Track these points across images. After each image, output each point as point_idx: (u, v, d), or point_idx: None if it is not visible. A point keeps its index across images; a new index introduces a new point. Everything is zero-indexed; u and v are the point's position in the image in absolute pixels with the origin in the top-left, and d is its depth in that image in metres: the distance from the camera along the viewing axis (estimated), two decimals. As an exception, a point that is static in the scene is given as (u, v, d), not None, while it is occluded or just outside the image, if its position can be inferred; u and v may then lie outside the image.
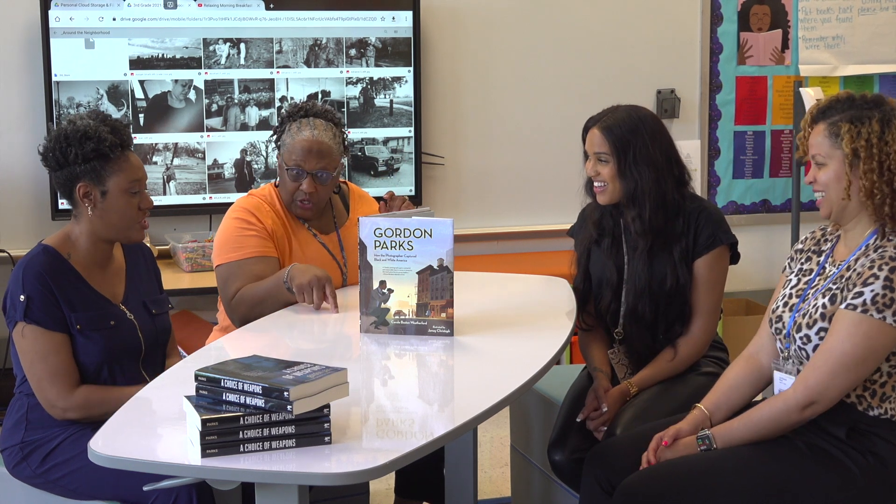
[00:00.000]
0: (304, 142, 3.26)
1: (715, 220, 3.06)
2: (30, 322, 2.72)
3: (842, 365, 2.40)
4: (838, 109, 2.53)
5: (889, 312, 2.37)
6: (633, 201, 3.03)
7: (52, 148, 2.79)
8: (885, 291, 2.38)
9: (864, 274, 2.41)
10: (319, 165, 3.27)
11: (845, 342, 2.39)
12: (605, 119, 3.06)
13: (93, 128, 2.76)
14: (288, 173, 3.29)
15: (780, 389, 2.59)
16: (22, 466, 2.76)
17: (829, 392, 2.42)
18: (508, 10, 5.26)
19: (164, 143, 4.81)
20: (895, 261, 2.40)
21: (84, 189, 2.78)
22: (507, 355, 2.79)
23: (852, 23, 5.61)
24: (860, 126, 2.47)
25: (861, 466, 2.45)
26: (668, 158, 3.06)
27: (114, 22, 4.69)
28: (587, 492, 2.78)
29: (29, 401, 2.78)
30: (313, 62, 4.93)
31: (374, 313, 2.88)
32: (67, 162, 2.77)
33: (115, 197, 2.80)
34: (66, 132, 2.78)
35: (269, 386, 2.11)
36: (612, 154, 3.02)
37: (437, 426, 2.34)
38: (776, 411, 2.47)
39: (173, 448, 2.17)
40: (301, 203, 3.31)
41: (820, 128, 2.54)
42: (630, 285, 3.10)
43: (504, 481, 4.06)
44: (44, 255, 2.78)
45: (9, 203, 4.72)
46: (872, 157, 2.46)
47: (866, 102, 2.52)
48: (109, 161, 2.78)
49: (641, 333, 3.10)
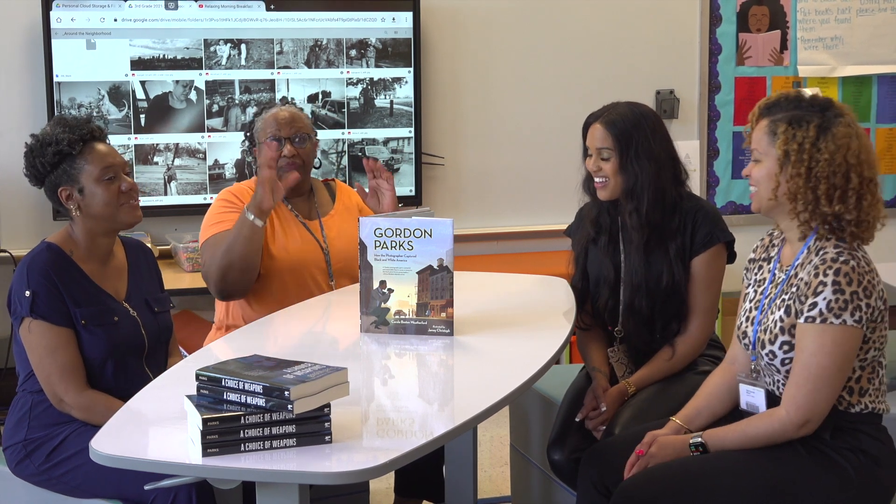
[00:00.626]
0: (277, 114, 3.47)
1: (712, 219, 3.06)
2: (36, 317, 2.73)
3: (822, 378, 2.40)
4: (783, 107, 2.51)
5: (846, 314, 2.38)
6: (632, 195, 3.03)
7: (26, 166, 2.87)
8: (837, 296, 2.38)
9: (812, 283, 2.41)
10: (294, 130, 3.45)
11: (818, 355, 2.40)
12: (606, 114, 3.06)
13: (50, 134, 2.83)
14: (268, 145, 3.41)
15: (747, 402, 2.60)
16: (24, 464, 2.76)
17: (819, 406, 2.43)
18: (508, 10, 5.26)
19: (165, 143, 4.81)
20: (836, 262, 2.40)
21: (65, 192, 2.83)
22: (506, 355, 2.79)
23: (851, 24, 5.61)
24: (797, 129, 2.45)
25: (854, 466, 2.46)
26: (668, 154, 3.06)
27: (115, 23, 4.69)
28: (584, 492, 2.78)
29: (32, 399, 2.79)
30: (314, 63, 4.93)
31: (374, 313, 2.88)
32: (40, 173, 2.83)
33: (92, 190, 2.82)
34: (31, 148, 2.86)
35: (269, 385, 2.11)
36: (615, 149, 3.02)
37: (437, 425, 2.34)
38: (772, 431, 2.47)
39: (174, 447, 2.17)
40: (287, 165, 3.41)
41: (762, 123, 2.53)
42: (627, 281, 3.09)
43: (504, 480, 4.06)
44: (48, 252, 2.80)
45: (10, 203, 4.72)
46: (802, 162, 2.44)
47: (812, 105, 2.49)
48: (74, 158, 2.82)
49: (640, 330, 3.10)
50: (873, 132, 5.75)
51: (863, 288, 2.40)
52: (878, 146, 5.76)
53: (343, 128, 5.01)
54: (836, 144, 2.43)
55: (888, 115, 5.75)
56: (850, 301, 2.38)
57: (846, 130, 2.44)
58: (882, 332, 2.47)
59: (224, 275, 3.24)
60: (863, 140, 2.46)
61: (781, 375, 2.51)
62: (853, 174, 2.43)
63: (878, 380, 2.51)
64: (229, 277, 3.24)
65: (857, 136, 2.45)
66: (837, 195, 2.43)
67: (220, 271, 3.24)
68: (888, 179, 5.81)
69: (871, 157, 2.46)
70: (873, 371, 2.50)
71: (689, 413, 2.70)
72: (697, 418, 2.68)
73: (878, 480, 2.49)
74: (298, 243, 3.42)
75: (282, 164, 3.41)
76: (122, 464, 2.12)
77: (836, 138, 2.43)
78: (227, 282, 3.25)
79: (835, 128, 2.44)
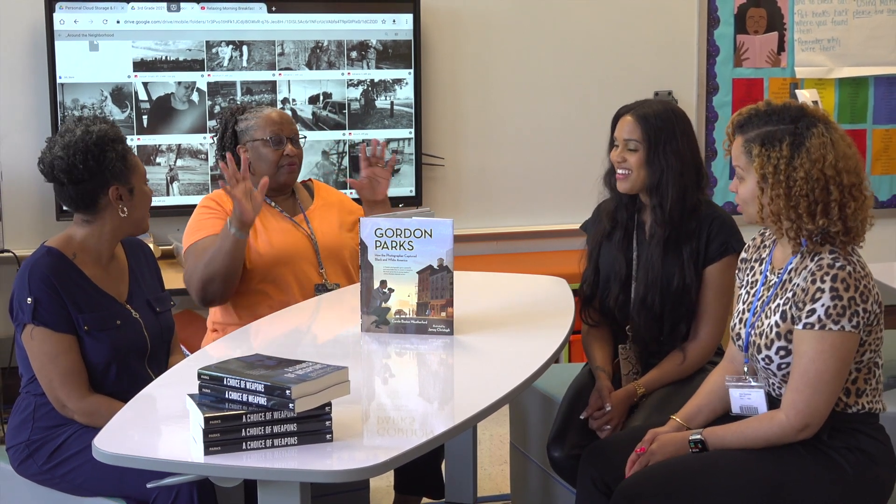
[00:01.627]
0: (274, 115, 3.49)
1: (728, 228, 3.05)
2: (38, 324, 2.71)
3: (822, 383, 2.40)
4: (754, 124, 2.49)
5: (844, 320, 2.38)
6: (656, 190, 3.02)
7: (75, 163, 2.72)
8: (835, 302, 2.38)
9: (810, 290, 2.41)
10: (293, 130, 3.50)
11: (817, 361, 2.39)
12: (639, 108, 3.05)
13: (112, 130, 2.78)
14: (269, 144, 3.43)
15: (741, 406, 2.59)
16: (28, 464, 2.76)
17: (819, 411, 2.42)
18: (507, 12, 5.26)
19: (167, 144, 4.81)
20: (833, 268, 2.40)
21: (117, 192, 2.78)
22: (506, 354, 2.78)
23: (847, 25, 5.61)
24: (770, 150, 2.43)
25: (851, 463, 2.46)
26: (694, 158, 3.05)
27: (118, 24, 4.69)
28: (584, 489, 2.78)
29: (36, 400, 2.78)
30: (315, 64, 4.93)
31: (374, 312, 2.88)
32: (100, 170, 2.74)
33: (140, 191, 2.83)
34: (83, 143, 2.73)
35: (271, 384, 2.11)
36: (643, 141, 3.01)
37: (437, 424, 2.34)
38: (772, 435, 2.46)
39: (177, 446, 2.17)
40: (289, 166, 3.46)
41: (738, 141, 2.52)
42: (641, 275, 3.08)
43: (503, 478, 4.06)
44: (48, 257, 2.76)
45: (14, 204, 4.72)
46: (780, 184, 2.42)
47: (783, 118, 2.46)
48: (128, 159, 2.80)
49: (650, 327, 3.07)
50: (870, 133, 5.75)
51: (859, 293, 2.39)
52: (874, 147, 5.76)
53: (344, 129, 5.00)
54: (811, 159, 2.41)
55: (885, 115, 5.75)
56: (848, 307, 2.38)
57: (820, 141, 2.42)
58: (878, 333, 2.47)
59: (205, 286, 3.27)
60: (839, 147, 2.43)
61: (778, 379, 2.51)
62: (832, 186, 2.41)
63: (875, 380, 2.51)
64: (210, 288, 3.27)
65: (832, 144, 2.42)
66: (820, 209, 2.41)
67: (202, 282, 3.26)
68: (884, 180, 5.81)
69: (849, 163, 2.43)
70: (870, 372, 2.50)
71: (689, 411, 2.70)
72: (698, 416, 2.68)
73: (875, 478, 2.49)
74: (284, 236, 3.44)
75: (283, 164, 3.44)
76: (124, 462, 2.12)
77: (810, 152, 2.41)
78: (207, 291, 3.28)
79: (808, 141, 2.42)
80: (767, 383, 2.56)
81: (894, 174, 5.82)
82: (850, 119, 5.68)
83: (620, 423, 2.98)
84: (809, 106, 2.51)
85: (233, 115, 3.52)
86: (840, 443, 2.47)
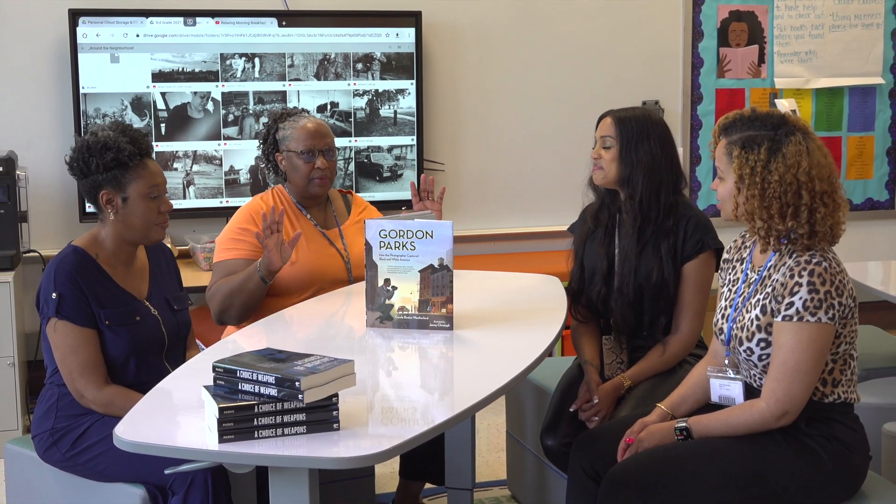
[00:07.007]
0: (310, 126, 3.41)
1: (703, 227, 3.06)
2: (62, 318, 2.72)
3: (799, 373, 2.40)
4: (738, 128, 2.51)
5: (821, 312, 2.39)
6: (628, 182, 3.04)
7: (76, 158, 2.80)
8: (812, 295, 2.39)
9: (788, 284, 2.42)
10: (326, 143, 3.40)
11: (795, 351, 2.40)
12: (620, 112, 3.10)
13: (112, 139, 2.77)
14: (301, 157, 3.37)
15: (720, 395, 2.60)
16: (52, 451, 2.76)
17: (797, 399, 2.42)
18: (504, 27, 5.26)
19: (183, 150, 4.80)
20: (810, 264, 2.41)
21: (106, 196, 2.79)
22: (502, 348, 2.78)
23: (824, 39, 5.61)
24: (749, 152, 2.45)
25: (828, 452, 2.46)
26: (669, 159, 3.07)
27: (137, 38, 4.69)
28: (574, 477, 2.77)
29: (59, 391, 2.78)
30: (323, 75, 4.93)
31: (379, 309, 2.87)
32: (90, 171, 2.78)
33: (136, 202, 2.80)
34: (88, 143, 2.79)
35: (281, 376, 2.11)
36: (617, 139, 3.04)
37: (437, 414, 2.34)
38: (752, 422, 2.46)
39: (193, 434, 2.17)
40: (319, 180, 3.39)
41: (722, 143, 2.54)
42: (619, 271, 3.08)
43: (500, 465, 4.06)
44: (73, 256, 2.78)
45: (40, 207, 4.72)
46: (755, 185, 2.44)
47: (765, 124, 2.48)
48: (128, 169, 2.78)
49: (627, 315, 3.07)
50: (845, 140, 5.75)
51: (835, 287, 2.40)
52: (849, 153, 5.76)
53: (350, 136, 5.00)
54: (786, 164, 2.42)
55: (859, 124, 5.75)
56: (824, 300, 2.39)
57: (797, 149, 2.43)
58: (852, 327, 2.47)
59: (223, 311, 3.27)
60: (814, 156, 2.44)
61: (758, 370, 2.51)
62: (804, 191, 2.42)
63: (850, 371, 2.51)
64: (227, 313, 3.27)
65: (808, 152, 2.43)
66: (790, 212, 2.42)
67: (220, 308, 3.26)
68: (858, 185, 5.80)
69: (823, 172, 2.44)
70: (845, 363, 2.50)
71: (674, 400, 2.70)
72: (682, 405, 2.69)
73: (850, 465, 2.49)
74: (314, 257, 3.37)
75: (314, 177, 3.38)
76: (143, 450, 2.11)
77: (786, 158, 2.42)
78: (224, 315, 3.28)
79: (785, 147, 2.43)
80: (748, 375, 2.56)
81: (868, 179, 5.82)
82: (826, 127, 5.68)
83: (608, 414, 2.99)
84: (791, 115, 2.52)
85: (275, 121, 3.46)
86: (817, 431, 2.47)
